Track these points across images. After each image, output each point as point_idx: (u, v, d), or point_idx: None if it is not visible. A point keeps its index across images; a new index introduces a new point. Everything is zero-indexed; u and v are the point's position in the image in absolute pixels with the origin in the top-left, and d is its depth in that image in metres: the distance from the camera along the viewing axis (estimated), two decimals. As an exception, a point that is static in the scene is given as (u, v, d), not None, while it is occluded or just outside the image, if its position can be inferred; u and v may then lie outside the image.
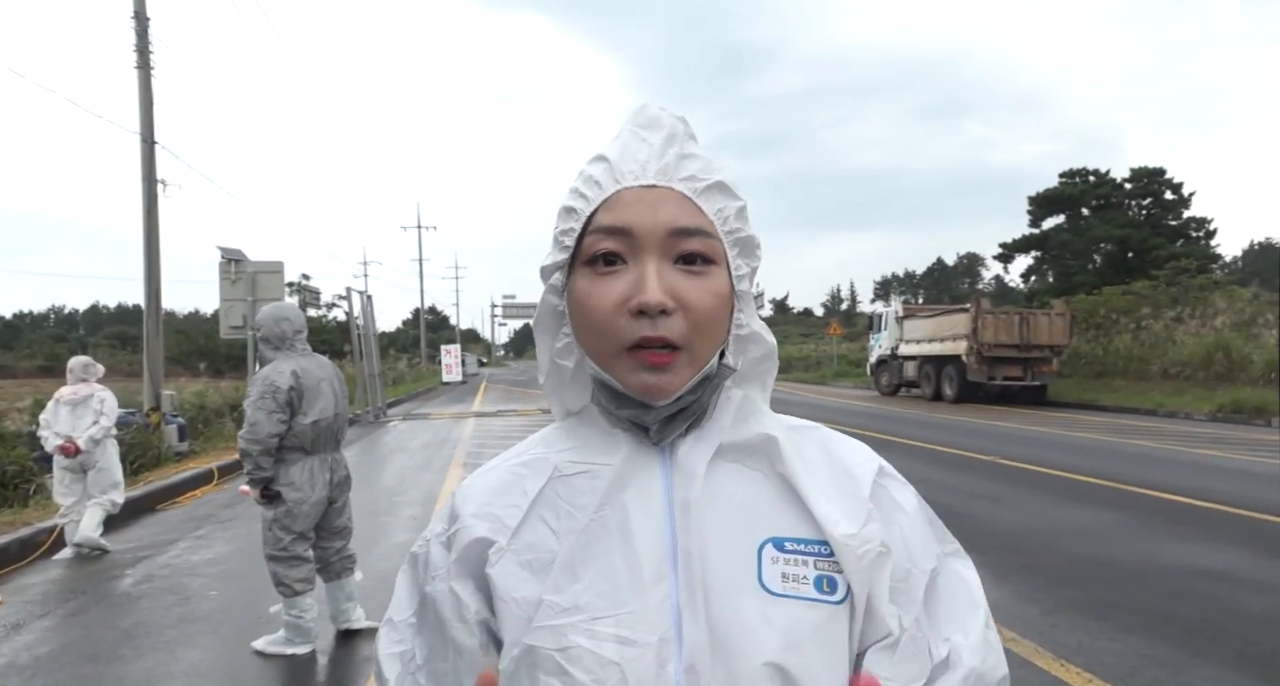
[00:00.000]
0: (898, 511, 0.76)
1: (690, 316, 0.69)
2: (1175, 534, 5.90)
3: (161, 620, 4.41)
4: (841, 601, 0.70)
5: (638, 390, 0.70)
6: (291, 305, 4.14)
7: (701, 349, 0.70)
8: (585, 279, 0.71)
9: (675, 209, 0.71)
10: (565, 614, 0.68)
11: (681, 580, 0.68)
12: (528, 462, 0.77)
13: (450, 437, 13.08)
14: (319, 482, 3.91)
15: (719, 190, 0.73)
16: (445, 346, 37.81)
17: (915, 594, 0.73)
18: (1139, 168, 36.92)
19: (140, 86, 12.13)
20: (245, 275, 11.97)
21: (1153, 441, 11.47)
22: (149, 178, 12.08)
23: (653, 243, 0.69)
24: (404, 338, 71.16)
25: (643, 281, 0.68)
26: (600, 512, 0.71)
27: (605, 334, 0.70)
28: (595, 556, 0.70)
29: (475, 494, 0.77)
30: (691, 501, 0.70)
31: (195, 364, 33.89)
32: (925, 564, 0.75)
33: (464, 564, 0.74)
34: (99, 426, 5.97)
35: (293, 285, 58.75)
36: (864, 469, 0.76)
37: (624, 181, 0.72)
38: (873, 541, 0.71)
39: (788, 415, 0.82)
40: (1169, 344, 20.34)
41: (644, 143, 0.74)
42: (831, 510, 0.71)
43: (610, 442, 0.75)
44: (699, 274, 0.70)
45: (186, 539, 6.41)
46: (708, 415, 0.75)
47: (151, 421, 11.07)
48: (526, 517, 0.73)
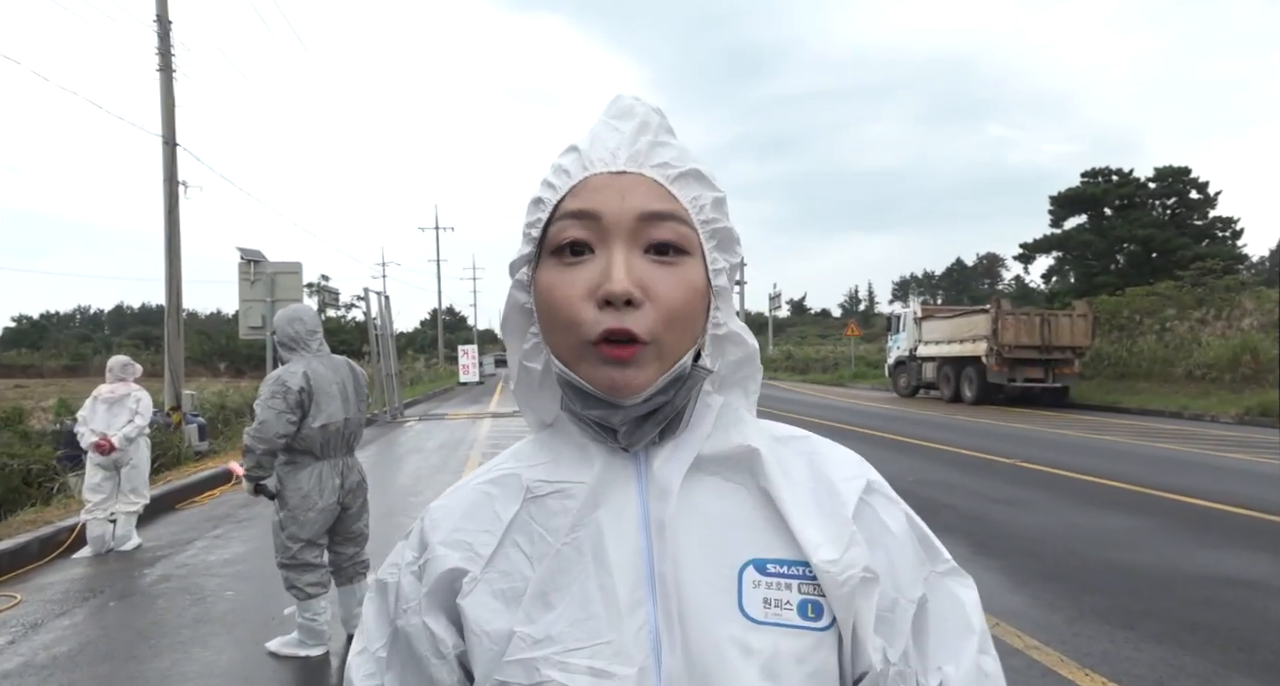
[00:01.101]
0: (884, 533, 0.70)
1: (659, 308, 0.64)
2: (1203, 540, 5.77)
3: (178, 620, 4.43)
4: (828, 628, 0.65)
5: (604, 387, 0.65)
6: (305, 306, 4.10)
7: (671, 344, 0.65)
8: (551, 270, 0.67)
9: (645, 194, 0.66)
10: (538, 646, 0.64)
11: (659, 606, 0.64)
12: (497, 481, 0.73)
13: (466, 438, 13.10)
14: (328, 488, 3.84)
15: (694, 178, 0.69)
16: (462, 347, 37.96)
17: (902, 625, 0.68)
18: (1163, 167, 36.42)
19: (162, 89, 12.27)
20: (264, 276, 12.06)
21: (1178, 444, 11.27)
22: (170, 179, 12.22)
23: (621, 229, 0.65)
24: (422, 338, 71.58)
25: (609, 270, 0.64)
26: (573, 534, 0.67)
27: (570, 326, 0.65)
28: (569, 582, 0.66)
29: (444, 518, 0.73)
30: (667, 520, 0.66)
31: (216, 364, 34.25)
32: (913, 592, 0.69)
33: (436, 596, 0.70)
34: (133, 425, 6.09)
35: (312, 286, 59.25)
36: (850, 485, 0.71)
37: (593, 168, 0.68)
38: (855, 567, 0.66)
39: (776, 421, 0.77)
40: (1194, 346, 20.00)
41: (615, 131, 0.70)
42: (814, 532, 0.67)
43: (582, 456, 0.70)
44: (670, 264, 0.66)
45: (204, 538, 6.45)
46: (684, 423, 0.70)
47: (172, 421, 11.18)
48: (500, 544, 0.69)
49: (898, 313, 24.26)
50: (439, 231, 52.23)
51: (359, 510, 4.07)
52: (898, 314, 24.10)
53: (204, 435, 11.44)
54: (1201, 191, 36.21)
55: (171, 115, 12.30)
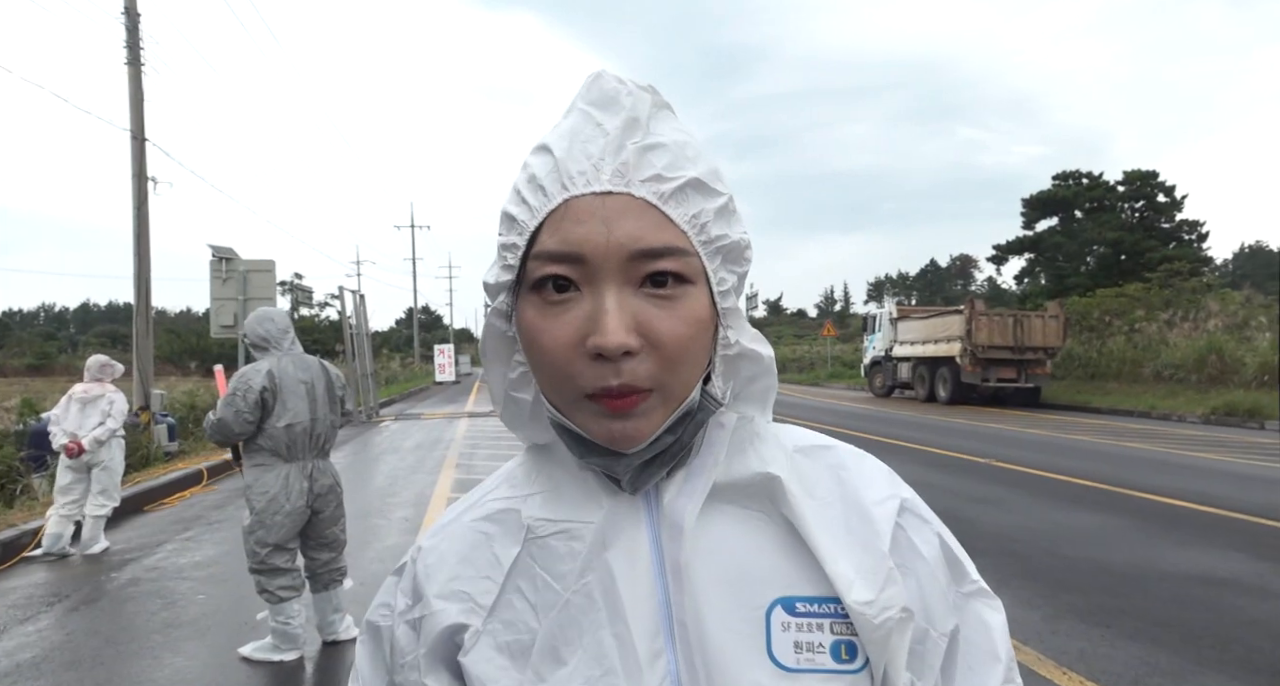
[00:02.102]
0: (917, 559, 0.65)
1: (661, 353, 0.57)
2: (1174, 538, 5.86)
3: (147, 625, 4.32)
4: (861, 669, 0.61)
5: (603, 439, 0.59)
6: (276, 309, 4.02)
7: (675, 386, 0.59)
8: (533, 308, 0.59)
9: (636, 224, 0.57)
10: None
11: (681, 656, 0.60)
12: (493, 517, 0.67)
13: (443, 438, 12.99)
14: (295, 491, 3.75)
15: (693, 189, 0.59)
16: (439, 346, 37.68)
17: (933, 660, 0.64)
18: (1132, 171, 37.01)
19: (130, 83, 12.03)
20: (236, 274, 11.85)
21: (1147, 444, 11.46)
22: (139, 175, 11.99)
23: (609, 269, 0.56)
24: (397, 337, 71.01)
25: (599, 319, 0.56)
26: (582, 580, 0.61)
27: (560, 378, 0.58)
28: (581, 634, 0.60)
29: (437, 564, 0.67)
30: (683, 561, 0.61)
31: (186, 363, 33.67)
32: (944, 625, 0.65)
33: (436, 654, 0.65)
34: (104, 428, 5.94)
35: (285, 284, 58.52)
36: (883, 509, 0.65)
37: (573, 188, 0.58)
38: (892, 608, 0.61)
39: (795, 426, 0.72)
40: (1162, 346, 20.38)
41: (597, 129, 0.60)
42: (845, 566, 0.62)
43: (584, 490, 0.64)
44: (670, 298, 0.58)
45: (174, 541, 6.31)
46: (695, 450, 0.64)
47: (141, 421, 10.96)
48: (502, 591, 0.63)
49: (874, 313, 24.45)
50: (414, 229, 51.86)
51: (332, 515, 3.96)
52: (874, 314, 24.29)
53: (173, 435, 11.23)
54: (1169, 195, 36.86)
55: (140, 110, 12.06)
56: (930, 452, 10.45)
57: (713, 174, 0.61)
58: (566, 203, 0.58)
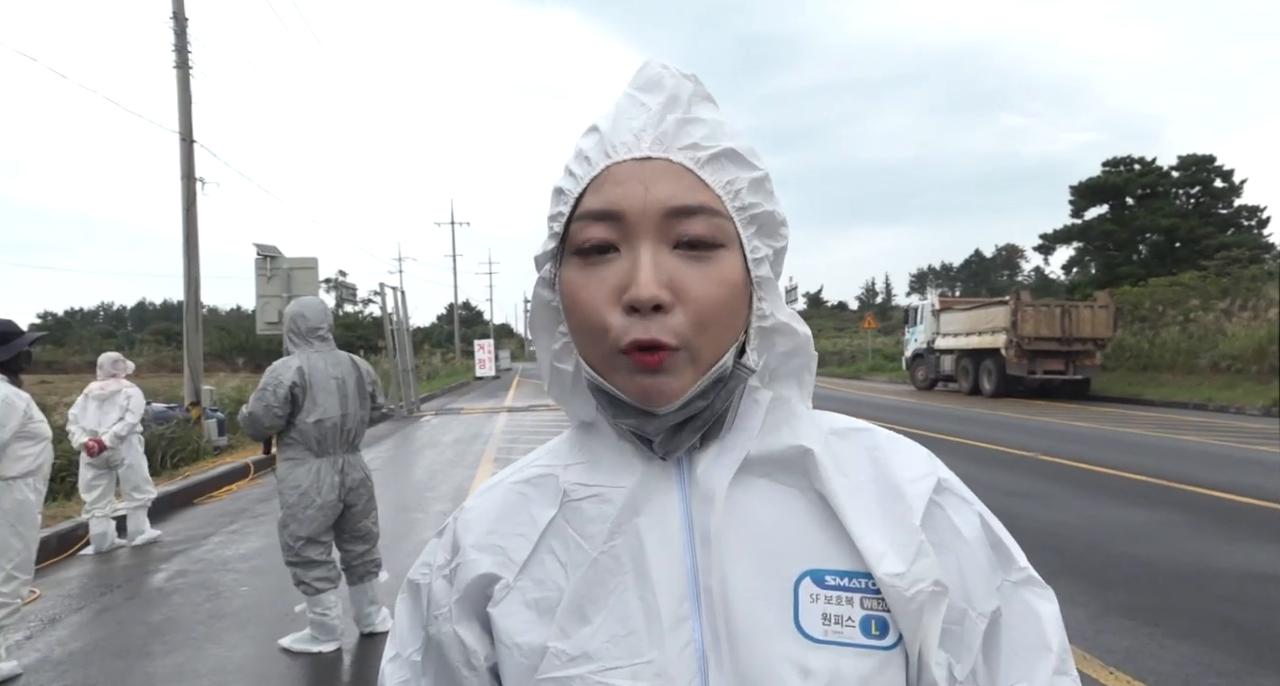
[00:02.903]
0: (955, 538, 0.64)
1: (691, 310, 0.59)
2: (1229, 534, 5.65)
3: (192, 616, 4.44)
4: (894, 646, 0.60)
5: (635, 395, 0.60)
6: (311, 301, 4.04)
7: (705, 346, 0.60)
8: (574, 270, 0.62)
9: (672, 185, 0.60)
10: (573, 663, 0.60)
11: (705, 623, 0.60)
12: (532, 481, 0.69)
13: (482, 433, 13.12)
14: (326, 485, 3.80)
15: (728, 159, 0.62)
16: (479, 341, 38.06)
17: (971, 640, 0.62)
18: (1187, 155, 35.80)
19: (179, 86, 12.32)
20: (280, 271, 12.09)
21: (1203, 437, 11.09)
22: (188, 176, 12.29)
23: (646, 226, 0.59)
24: (439, 333, 71.93)
25: (633, 273, 0.58)
26: (611, 543, 0.63)
27: (596, 333, 0.60)
28: (607, 594, 0.62)
29: (477, 519, 0.69)
30: (712, 529, 0.61)
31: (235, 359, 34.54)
32: (985, 605, 0.63)
33: (467, 603, 0.66)
34: (124, 423, 5.99)
35: (330, 281, 59.74)
36: (917, 486, 0.65)
37: (615, 155, 0.62)
38: (924, 580, 0.60)
39: (833, 412, 0.71)
40: (1219, 336, 19.68)
41: (641, 108, 0.63)
42: (876, 540, 0.61)
43: (621, 459, 0.66)
44: (703, 259, 0.60)
45: (221, 533, 6.48)
46: (728, 423, 0.65)
47: (192, 416, 11.27)
48: (535, 550, 0.65)
49: (915, 305, 24.07)
50: (455, 226, 52.37)
51: (364, 508, 4.01)
52: (915, 306, 23.92)
53: (223, 430, 11.50)
54: (1226, 179, 35.58)
55: (188, 112, 12.35)
56: (972, 446, 10.24)
57: (749, 150, 0.64)
58: (608, 168, 0.62)
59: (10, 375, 3.65)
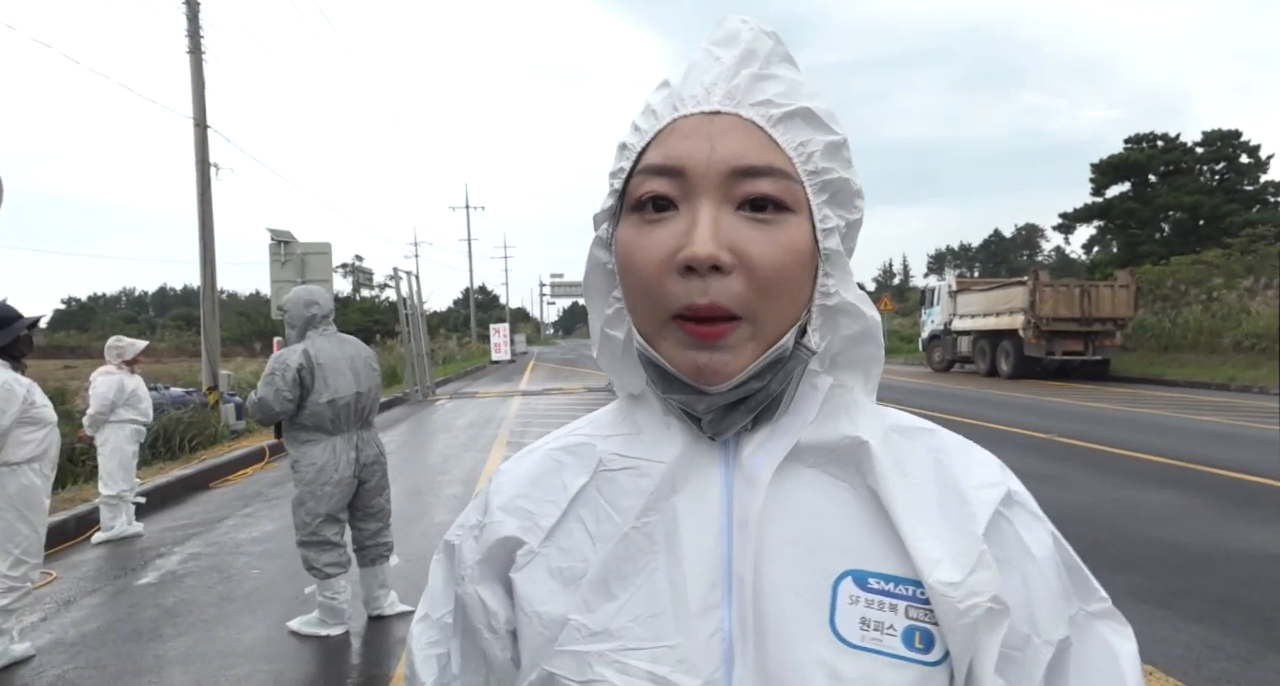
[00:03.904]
0: (1023, 556, 0.59)
1: (753, 275, 0.54)
2: (1248, 516, 5.56)
3: (203, 599, 4.49)
4: (938, 663, 0.56)
5: (687, 370, 0.56)
6: (318, 289, 4.11)
7: (768, 319, 0.56)
8: (631, 227, 0.58)
9: (740, 142, 0.56)
10: (594, 639, 0.58)
11: (735, 612, 0.57)
12: (570, 448, 0.66)
13: (496, 416, 13.17)
14: (343, 461, 3.87)
15: (803, 119, 0.58)
16: (494, 325, 38.15)
17: (1033, 669, 0.57)
18: (1211, 131, 35.07)
19: (192, 71, 12.33)
20: (294, 256, 12.17)
21: (1224, 417, 10.92)
22: (202, 161, 12.33)
23: (708, 184, 0.55)
24: (454, 317, 72.20)
25: (692, 230, 0.54)
26: (645, 519, 0.60)
27: (649, 296, 0.57)
28: (635, 572, 0.59)
29: (509, 483, 0.67)
30: (751, 515, 0.57)
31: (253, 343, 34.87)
32: (1052, 632, 0.58)
33: (490, 565, 0.65)
34: (87, 415, 5.86)
35: (346, 266, 60.06)
36: (984, 494, 0.60)
37: (683, 108, 0.58)
38: (981, 594, 0.55)
39: (896, 409, 0.66)
40: (1243, 315, 19.37)
41: (715, 61, 0.59)
42: (931, 546, 0.57)
43: (664, 433, 0.62)
44: (768, 223, 0.56)
45: (235, 516, 6.54)
46: (783, 406, 0.60)
47: (209, 400, 11.39)
48: (563, 517, 0.63)
49: (932, 286, 23.83)
50: (469, 210, 52.42)
51: (378, 485, 4.08)
52: (933, 287, 23.67)
53: (240, 414, 11.60)
54: (1252, 155, 34.84)
55: (202, 97, 12.37)
56: (987, 428, 10.14)
57: (827, 112, 0.60)
58: (674, 122, 0.58)
59: (12, 361, 3.65)
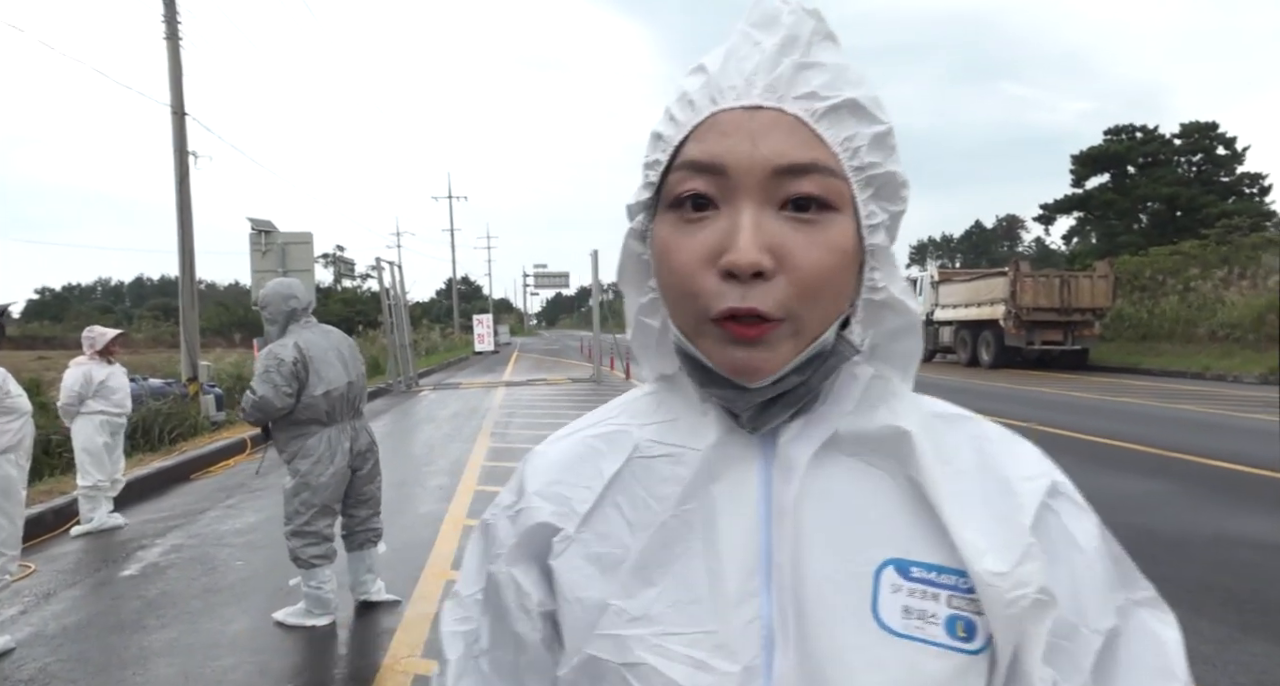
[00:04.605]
0: (1070, 547, 0.59)
1: (795, 279, 0.54)
2: (1223, 502, 5.67)
3: (187, 590, 4.46)
4: (980, 651, 0.56)
5: (726, 368, 0.56)
6: (294, 281, 4.10)
7: (810, 320, 0.55)
8: (668, 225, 0.58)
9: (783, 140, 0.55)
10: (633, 623, 0.58)
11: (774, 601, 0.57)
12: (606, 435, 0.66)
13: (480, 407, 13.13)
14: (339, 452, 3.88)
15: (849, 111, 0.56)
16: (477, 316, 38.00)
17: (1081, 659, 0.57)
18: (1189, 123, 35.48)
19: (169, 57, 12.13)
20: (275, 246, 12.04)
21: (1200, 405, 11.10)
22: (180, 149, 12.15)
23: (750, 184, 0.54)
24: (437, 307, 71.84)
25: (733, 236, 0.53)
26: (683, 507, 0.60)
27: (688, 297, 0.56)
28: (673, 559, 0.59)
29: (544, 466, 0.68)
30: (789, 503, 0.58)
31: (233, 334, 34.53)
32: (1100, 622, 0.58)
33: (525, 547, 0.65)
34: (59, 405, 5.75)
35: (327, 256, 59.52)
36: (1030, 485, 0.60)
37: (722, 101, 0.56)
38: (1028, 586, 0.55)
39: (934, 398, 0.66)
40: (1218, 305, 19.67)
41: (754, 46, 0.57)
42: (977, 536, 0.56)
43: (701, 420, 0.62)
44: (812, 223, 0.55)
45: (217, 508, 6.49)
46: (822, 396, 0.61)
47: (189, 391, 11.27)
48: (599, 503, 0.63)
49: (914, 277, 24.00)
50: (452, 200, 52.13)
51: (370, 472, 4.10)
52: (914, 278, 23.82)
53: (221, 405, 11.51)
54: (1229, 147, 35.29)
55: (179, 84, 12.18)
56: (970, 417, 10.26)
57: (873, 100, 0.58)
58: (714, 116, 0.57)
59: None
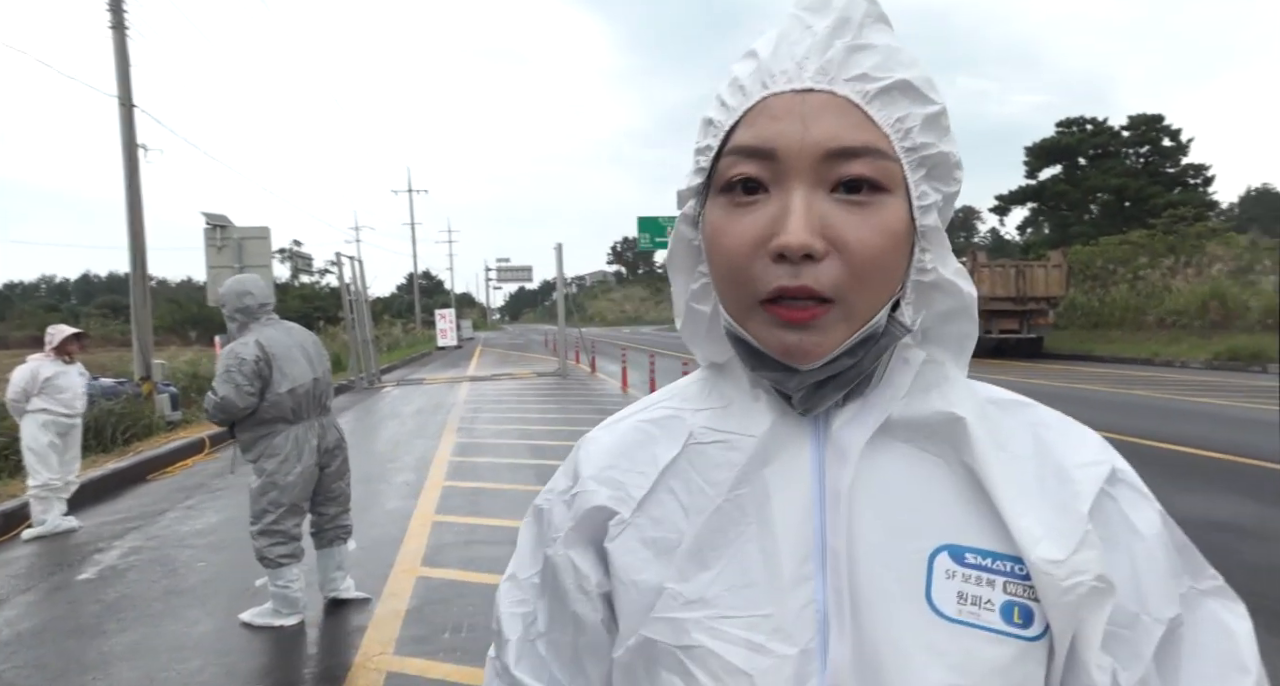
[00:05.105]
0: (1130, 535, 0.58)
1: (847, 261, 0.54)
2: (1173, 484, 5.84)
3: (148, 593, 4.34)
4: (1038, 638, 0.55)
5: (776, 350, 0.56)
6: (253, 278, 4.01)
7: (860, 302, 0.55)
8: (719, 210, 0.58)
9: (834, 122, 0.54)
10: (689, 607, 0.59)
11: (829, 584, 0.57)
12: (659, 421, 0.67)
13: (445, 402, 13.00)
14: (306, 450, 3.81)
15: (901, 92, 0.56)
16: (440, 311, 37.56)
17: (1143, 648, 0.56)
18: (1137, 115, 36.38)
19: (115, 48, 11.75)
20: (231, 241, 11.77)
21: (1150, 391, 11.43)
22: (129, 143, 11.80)
23: (801, 167, 0.54)
24: (399, 303, 70.84)
25: (784, 218, 0.53)
26: (736, 491, 0.60)
27: (738, 280, 0.56)
28: (728, 543, 0.60)
29: (598, 452, 0.68)
30: (843, 488, 0.58)
31: (187, 332, 33.68)
32: (1163, 610, 0.56)
33: (582, 531, 0.66)
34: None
35: (284, 252, 58.32)
36: (1088, 472, 0.59)
37: (773, 85, 0.56)
38: (1086, 573, 0.54)
39: (990, 384, 0.65)
40: (1166, 293, 20.27)
41: (806, 30, 0.57)
42: (1032, 523, 0.55)
43: (753, 406, 0.62)
44: (863, 205, 0.54)
45: (176, 509, 6.33)
46: (874, 381, 0.60)
47: (143, 391, 10.97)
48: (654, 489, 0.63)
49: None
50: (412, 194, 51.47)
51: (338, 469, 4.04)
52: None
53: (176, 404, 11.24)
54: (1174, 139, 36.26)
55: (127, 75, 11.80)
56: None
57: (925, 81, 0.58)
58: (765, 100, 0.56)
59: None
